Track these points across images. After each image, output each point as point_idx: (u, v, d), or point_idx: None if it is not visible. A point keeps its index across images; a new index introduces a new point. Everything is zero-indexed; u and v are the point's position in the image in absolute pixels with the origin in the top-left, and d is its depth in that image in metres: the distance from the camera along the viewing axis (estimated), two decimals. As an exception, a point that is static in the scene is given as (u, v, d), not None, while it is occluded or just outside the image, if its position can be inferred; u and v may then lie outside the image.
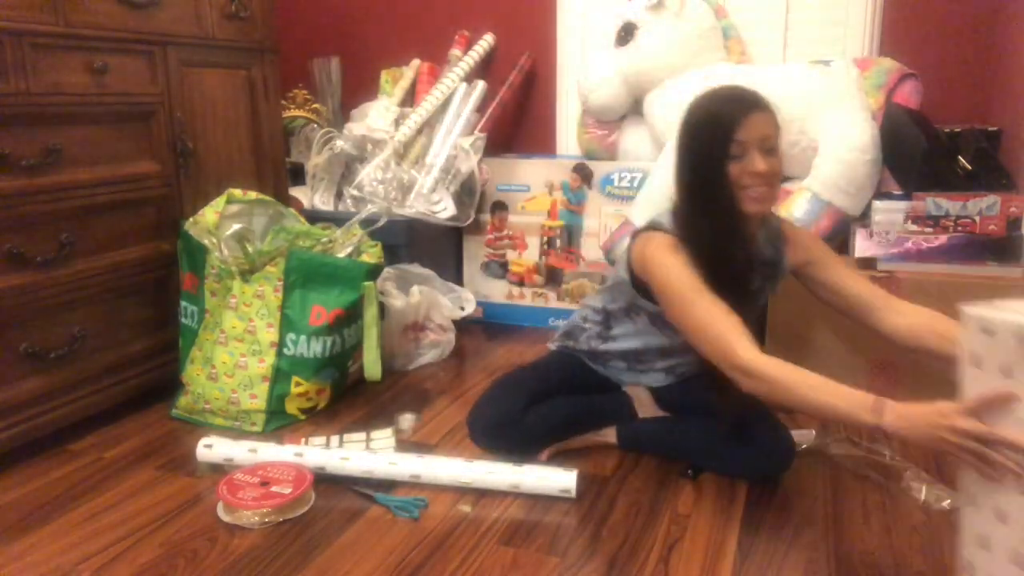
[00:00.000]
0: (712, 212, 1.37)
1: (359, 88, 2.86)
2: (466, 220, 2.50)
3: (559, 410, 1.62)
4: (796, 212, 1.99)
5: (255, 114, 2.12)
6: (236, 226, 1.89)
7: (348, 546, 1.31)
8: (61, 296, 1.64)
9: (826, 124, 2.04)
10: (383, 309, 2.04)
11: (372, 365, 1.86)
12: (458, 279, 2.64)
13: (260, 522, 1.37)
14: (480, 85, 2.56)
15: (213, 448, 1.57)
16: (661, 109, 2.28)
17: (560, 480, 1.45)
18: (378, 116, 2.54)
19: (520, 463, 1.50)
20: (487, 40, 2.68)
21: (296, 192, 2.54)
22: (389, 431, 1.72)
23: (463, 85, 2.55)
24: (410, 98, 2.70)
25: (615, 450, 1.64)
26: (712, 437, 1.54)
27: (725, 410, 1.45)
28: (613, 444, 1.65)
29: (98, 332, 1.74)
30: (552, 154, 2.75)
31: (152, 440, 1.73)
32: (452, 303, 2.28)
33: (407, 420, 1.79)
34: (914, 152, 1.89)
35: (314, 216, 2.27)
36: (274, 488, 1.41)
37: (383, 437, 1.69)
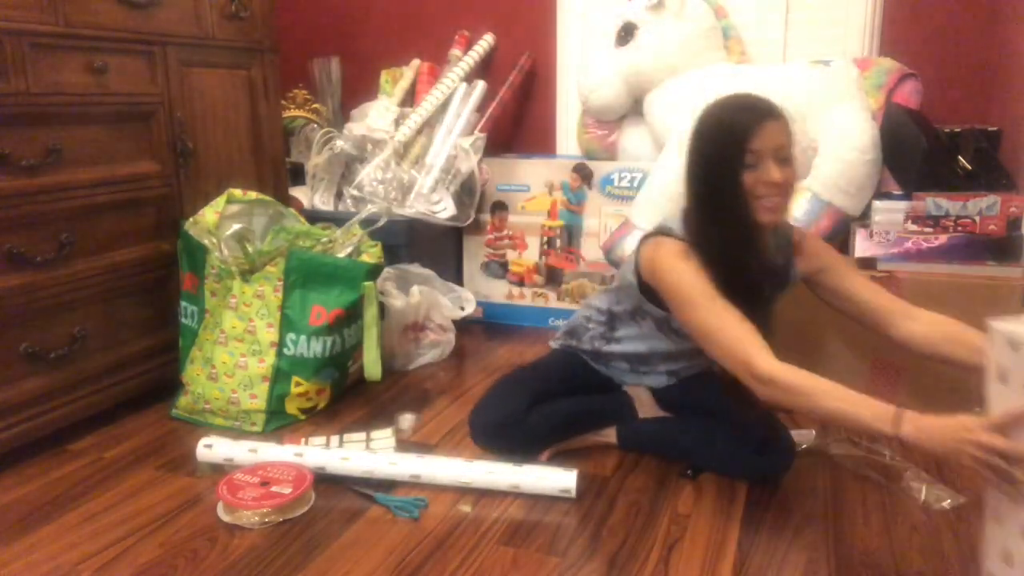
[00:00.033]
0: (726, 221, 1.35)
1: (359, 88, 2.86)
2: (466, 220, 2.50)
3: (561, 411, 1.61)
4: (796, 212, 1.99)
5: (255, 114, 2.12)
6: (236, 226, 1.89)
7: (348, 546, 1.31)
8: (61, 296, 1.64)
9: (826, 124, 2.04)
10: (383, 309, 2.04)
11: (372, 365, 1.86)
12: (458, 279, 2.63)
13: (260, 522, 1.37)
14: (480, 85, 2.56)
15: (213, 448, 1.57)
16: (661, 109, 2.29)
17: (560, 480, 1.45)
18: (378, 116, 2.54)
19: (520, 463, 1.50)
20: (487, 40, 2.68)
21: (296, 192, 2.54)
22: (389, 431, 1.72)
23: (463, 85, 2.55)
24: (410, 98, 2.70)
25: (615, 450, 1.64)
26: (712, 437, 1.54)
27: (740, 412, 1.45)
28: (613, 444, 1.65)
29: (98, 332, 1.74)
30: (552, 154, 2.75)
31: (152, 440, 1.73)
32: (452, 303, 2.28)
33: (407, 420, 1.79)
34: (914, 152, 1.89)
35: (314, 216, 2.27)
36: (274, 488, 1.41)
37: (383, 437, 1.69)
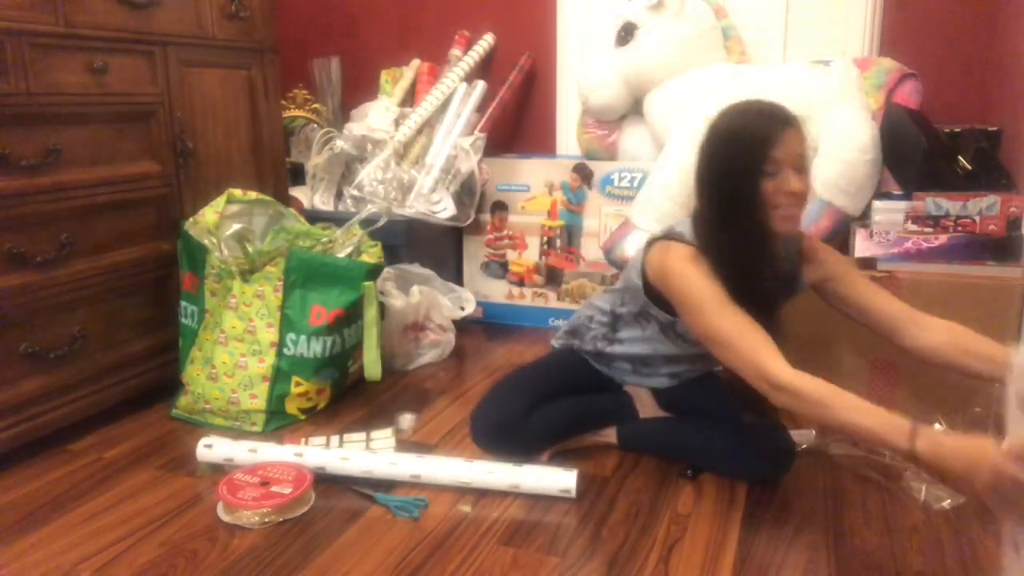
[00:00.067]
0: (742, 229, 1.33)
1: (359, 88, 2.86)
2: (466, 220, 2.50)
3: (561, 411, 1.61)
4: (796, 212, 1.99)
5: (255, 114, 2.12)
6: (236, 226, 1.89)
7: (348, 546, 1.31)
8: (61, 296, 1.64)
9: (826, 124, 2.04)
10: (383, 309, 2.04)
11: (372, 365, 1.86)
12: (458, 279, 2.63)
13: (260, 522, 1.37)
14: (480, 85, 2.56)
15: (213, 448, 1.57)
16: (661, 109, 2.28)
17: (560, 480, 1.45)
18: (378, 116, 2.54)
19: (520, 463, 1.50)
20: (487, 40, 2.68)
21: (296, 192, 2.54)
22: (389, 431, 1.72)
23: (463, 85, 2.55)
24: (410, 98, 2.70)
25: (615, 450, 1.64)
26: (712, 438, 1.54)
27: (743, 414, 1.45)
28: (613, 444, 1.65)
29: (98, 332, 1.74)
30: (552, 154, 2.75)
31: (152, 440, 1.73)
32: (452, 303, 2.28)
33: (407, 420, 1.79)
34: (914, 152, 1.89)
35: (314, 216, 2.27)
36: (274, 488, 1.41)
37: (383, 437, 1.69)
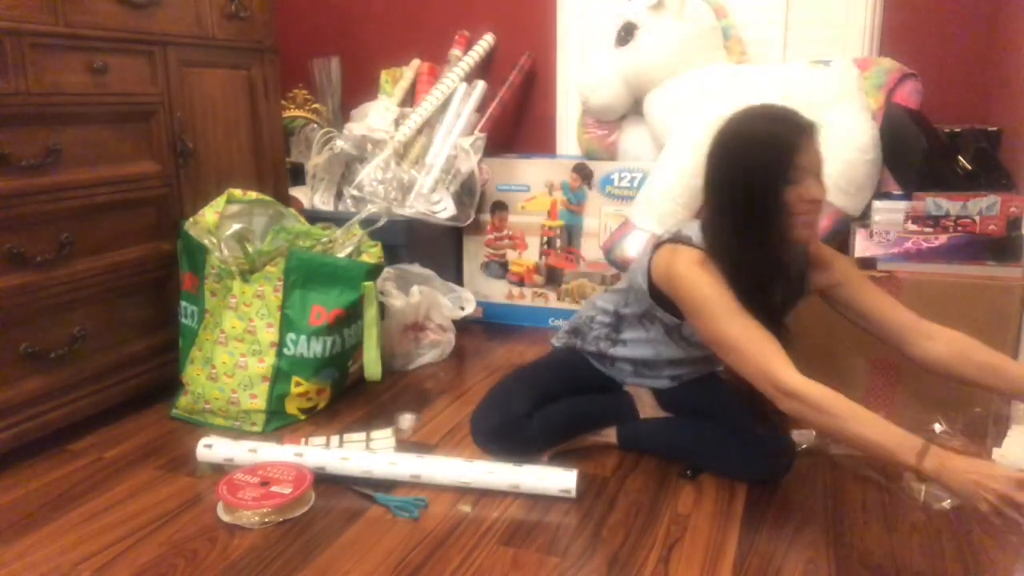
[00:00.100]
0: (761, 237, 1.31)
1: (359, 88, 2.86)
2: (466, 220, 2.50)
3: (562, 412, 1.61)
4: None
5: (255, 114, 2.12)
6: (236, 226, 1.89)
7: (348, 546, 1.31)
8: (61, 296, 1.64)
9: (826, 124, 2.03)
10: (383, 309, 2.04)
11: (372, 365, 1.86)
12: (458, 279, 2.63)
13: (260, 522, 1.37)
14: (480, 85, 2.56)
15: (213, 448, 1.57)
16: (661, 109, 2.28)
17: (560, 480, 1.45)
18: (378, 116, 2.54)
19: (520, 463, 1.50)
20: (487, 40, 2.68)
21: (296, 192, 2.54)
22: (389, 431, 1.72)
23: (463, 85, 2.55)
24: (410, 98, 2.70)
25: (615, 450, 1.64)
26: (713, 438, 1.54)
27: (747, 415, 1.45)
28: (614, 444, 1.65)
29: (98, 332, 1.74)
30: (552, 154, 2.75)
31: (152, 440, 1.73)
32: (452, 303, 2.28)
33: (407, 420, 1.79)
34: (914, 152, 1.88)
35: (314, 216, 2.27)
36: (274, 488, 1.41)
37: (383, 437, 1.69)
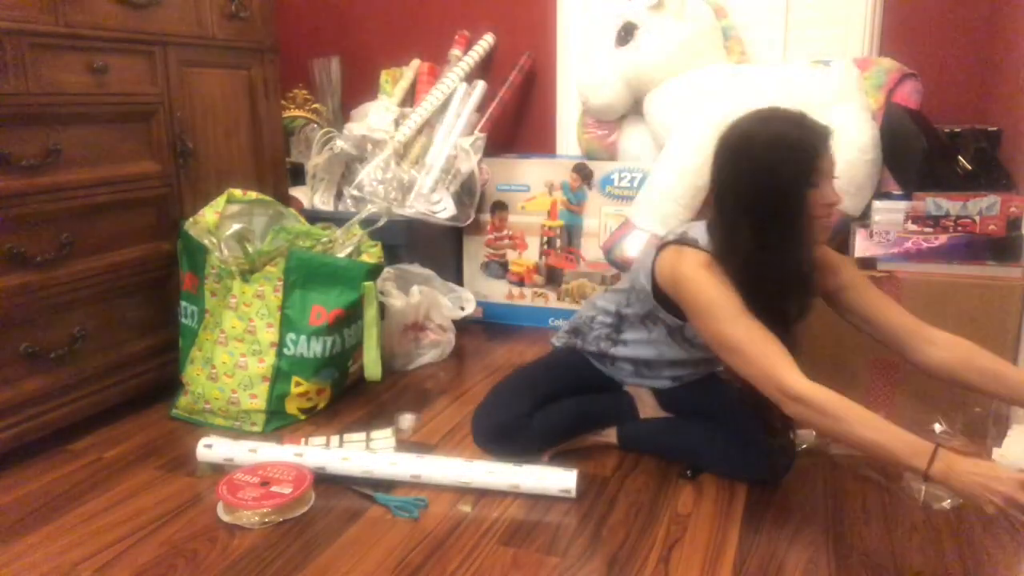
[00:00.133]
0: (785, 240, 1.31)
1: (359, 88, 2.86)
2: (466, 220, 2.50)
3: (562, 412, 1.61)
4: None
5: (255, 114, 2.12)
6: (236, 226, 1.89)
7: (348, 546, 1.31)
8: (61, 296, 1.64)
9: (826, 124, 2.04)
10: (383, 309, 2.04)
11: (372, 365, 1.86)
12: (458, 279, 2.63)
13: (260, 522, 1.37)
14: (480, 85, 2.56)
15: (213, 448, 1.57)
16: (661, 109, 2.28)
17: (560, 480, 1.45)
18: (378, 116, 2.54)
19: (520, 463, 1.50)
20: (487, 40, 2.68)
21: (296, 192, 2.54)
22: (389, 431, 1.72)
23: (463, 85, 2.55)
24: (410, 98, 2.70)
25: (615, 450, 1.64)
26: (713, 438, 1.54)
27: (749, 417, 1.45)
28: (614, 444, 1.65)
29: (98, 332, 1.74)
30: (552, 154, 2.75)
31: (152, 440, 1.73)
32: (452, 303, 2.28)
33: (407, 420, 1.79)
34: (914, 152, 1.88)
35: (314, 216, 2.27)
36: (274, 488, 1.41)
37: (383, 437, 1.69)
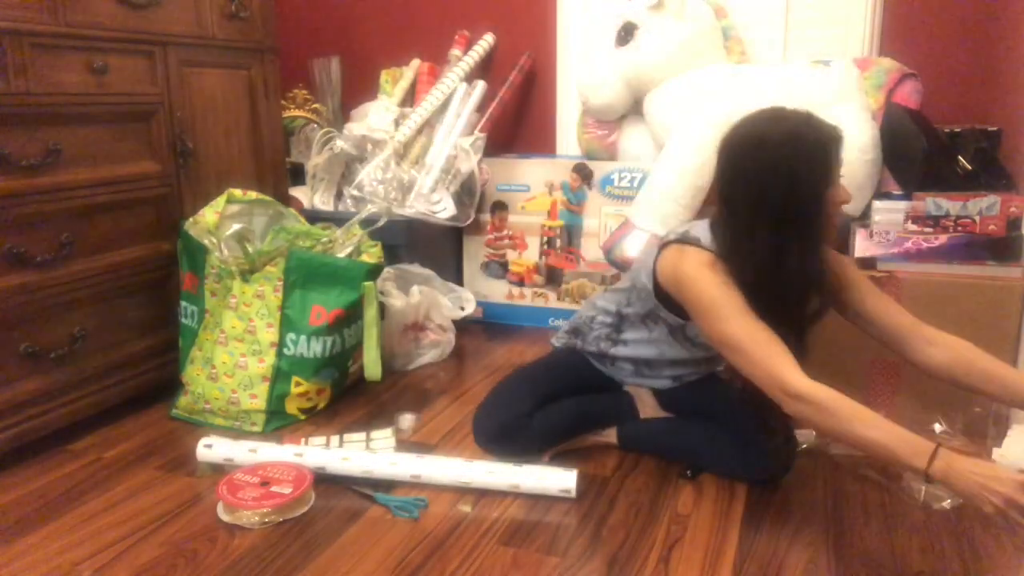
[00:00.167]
0: (805, 241, 1.30)
1: (359, 88, 2.86)
2: (466, 220, 2.50)
3: (563, 412, 1.61)
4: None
5: (255, 114, 2.12)
6: (236, 226, 1.89)
7: (348, 546, 1.31)
8: (61, 296, 1.64)
9: (826, 124, 2.04)
10: (383, 309, 2.04)
11: (372, 365, 1.86)
12: (458, 279, 2.63)
13: (260, 522, 1.37)
14: (480, 85, 2.56)
15: (213, 448, 1.57)
16: (661, 109, 2.28)
17: (560, 480, 1.45)
18: (378, 116, 2.54)
19: (520, 463, 1.50)
20: (487, 40, 2.68)
21: (296, 192, 2.54)
22: (389, 431, 1.72)
23: (463, 85, 2.55)
24: (410, 98, 2.70)
25: (615, 450, 1.64)
26: (713, 438, 1.54)
27: (750, 416, 1.44)
28: (614, 444, 1.65)
29: (98, 332, 1.74)
30: (552, 154, 2.75)
31: (152, 440, 1.73)
32: (452, 303, 2.28)
33: (407, 420, 1.79)
34: (914, 152, 1.89)
35: (314, 216, 2.27)
36: (274, 488, 1.41)
37: (383, 437, 1.69)
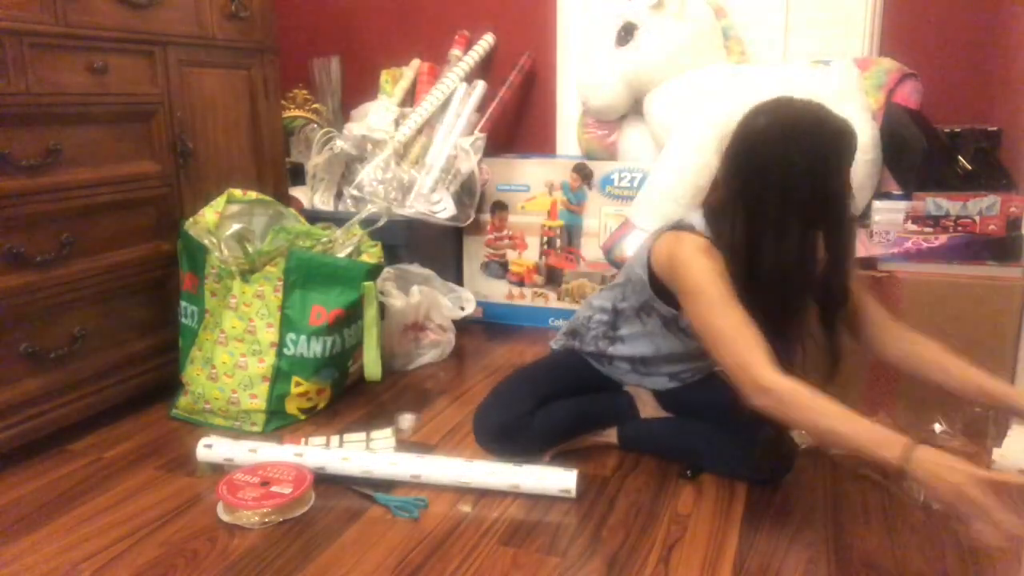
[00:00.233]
0: (837, 227, 1.32)
1: (359, 88, 2.86)
2: (466, 220, 2.50)
3: (563, 412, 1.61)
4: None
5: (255, 114, 2.12)
6: (236, 226, 1.89)
7: (348, 546, 1.31)
8: (61, 296, 1.64)
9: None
10: (383, 309, 2.04)
11: (372, 365, 1.86)
12: (458, 279, 2.63)
13: (260, 522, 1.37)
14: (480, 85, 2.56)
15: (213, 448, 1.57)
16: (661, 109, 2.28)
17: (560, 480, 1.45)
18: (378, 116, 2.54)
19: (520, 463, 1.50)
20: (487, 40, 2.68)
21: (296, 192, 2.54)
22: (389, 431, 1.72)
23: (463, 85, 2.55)
24: (410, 98, 2.70)
25: (615, 450, 1.64)
26: (713, 439, 1.54)
27: (744, 414, 1.44)
28: (614, 444, 1.65)
29: (98, 332, 1.74)
30: (552, 154, 2.75)
31: (152, 440, 1.73)
32: (452, 303, 2.28)
33: (407, 420, 1.79)
34: (914, 152, 1.89)
35: (314, 216, 2.27)
36: (274, 488, 1.41)
37: (383, 437, 1.69)
